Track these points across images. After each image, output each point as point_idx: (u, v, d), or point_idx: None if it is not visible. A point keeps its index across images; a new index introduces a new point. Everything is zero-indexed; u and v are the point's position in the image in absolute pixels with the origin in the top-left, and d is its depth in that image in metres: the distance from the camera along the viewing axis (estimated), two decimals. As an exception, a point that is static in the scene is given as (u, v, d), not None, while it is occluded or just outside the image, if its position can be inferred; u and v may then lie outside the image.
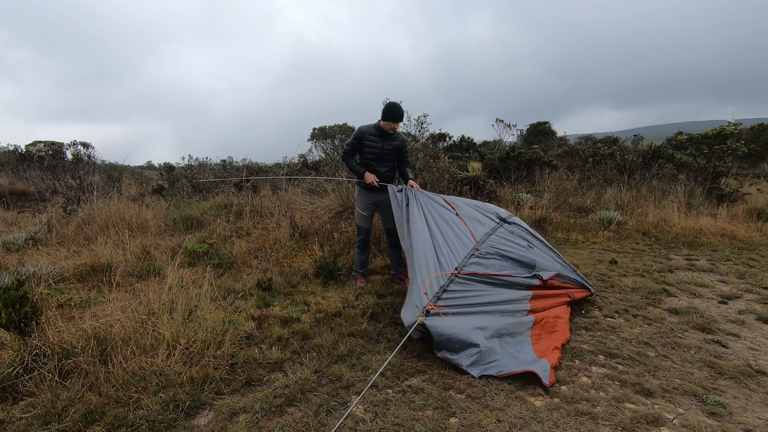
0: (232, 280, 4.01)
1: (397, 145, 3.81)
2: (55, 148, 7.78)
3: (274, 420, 1.94)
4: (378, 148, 3.73)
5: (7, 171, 11.33)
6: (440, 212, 3.60)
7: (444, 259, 3.07)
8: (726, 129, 7.72)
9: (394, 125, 3.65)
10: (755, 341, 2.78)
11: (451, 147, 12.72)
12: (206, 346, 2.41)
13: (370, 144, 3.72)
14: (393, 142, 3.77)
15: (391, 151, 3.79)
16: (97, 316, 2.60)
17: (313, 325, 2.99)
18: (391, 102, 3.66)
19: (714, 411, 2.01)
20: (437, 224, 3.44)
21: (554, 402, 2.07)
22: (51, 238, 5.16)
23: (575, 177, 8.68)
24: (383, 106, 3.63)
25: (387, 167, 3.83)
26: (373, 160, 3.78)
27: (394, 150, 3.80)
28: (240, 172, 10.84)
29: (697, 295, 3.65)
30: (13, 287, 2.24)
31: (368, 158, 3.78)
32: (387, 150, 3.76)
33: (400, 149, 3.84)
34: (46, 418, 1.92)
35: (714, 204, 7.44)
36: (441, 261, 3.04)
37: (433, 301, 2.69)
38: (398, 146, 3.82)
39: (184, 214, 6.34)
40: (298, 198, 6.76)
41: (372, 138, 3.71)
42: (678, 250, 5.24)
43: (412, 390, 2.19)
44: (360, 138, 3.73)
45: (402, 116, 3.67)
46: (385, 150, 3.75)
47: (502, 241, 3.40)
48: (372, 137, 3.71)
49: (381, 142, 3.72)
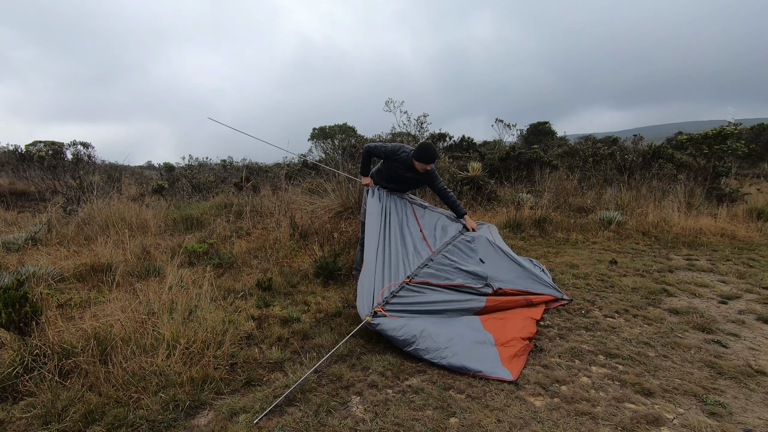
0: (232, 280, 4.01)
1: (422, 177, 3.72)
2: (55, 148, 7.78)
3: (274, 420, 1.94)
4: (399, 175, 3.73)
5: (7, 171, 11.34)
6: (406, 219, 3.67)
7: (395, 266, 3.13)
8: (726, 129, 7.72)
9: (425, 167, 3.57)
10: (755, 341, 2.78)
11: (451, 147, 12.72)
12: (206, 346, 2.41)
13: (395, 168, 3.70)
14: (415, 174, 3.70)
15: (411, 180, 3.78)
16: (97, 316, 2.60)
17: (313, 325, 2.99)
18: (427, 143, 3.53)
19: (714, 411, 2.01)
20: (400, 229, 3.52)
21: (554, 402, 2.07)
22: (51, 238, 5.16)
23: (575, 177, 8.68)
24: (419, 145, 3.53)
25: (393, 186, 3.88)
26: (390, 177, 3.80)
27: (415, 181, 3.78)
28: (240, 172, 10.84)
29: (697, 295, 3.65)
30: (13, 287, 2.24)
31: (383, 173, 3.81)
32: (407, 177, 3.75)
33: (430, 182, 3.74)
34: (46, 418, 1.92)
35: (714, 204, 7.44)
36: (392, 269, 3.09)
37: (381, 304, 2.77)
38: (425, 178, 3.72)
39: (184, 214, 6.34)
40: (298, 198, 6.76)
41: (398, 166, 3.68)
42: (678, 250, 5.24)
43: (412, 390, 2.19)
44: (389, 157, 3.69)
45: (435, 159, 3.54)
46: (405, 177, 3.74)
47: (456, 252, 3.42)
48: (398, 165, 3.67)
49: (404, 171, 3.69)
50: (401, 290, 2.92)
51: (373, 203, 3.70)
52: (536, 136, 18.05)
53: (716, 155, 7.82)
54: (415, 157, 3.53)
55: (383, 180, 3.91)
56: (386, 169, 3.81)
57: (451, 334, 2.61)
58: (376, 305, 2.75)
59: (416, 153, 3.51)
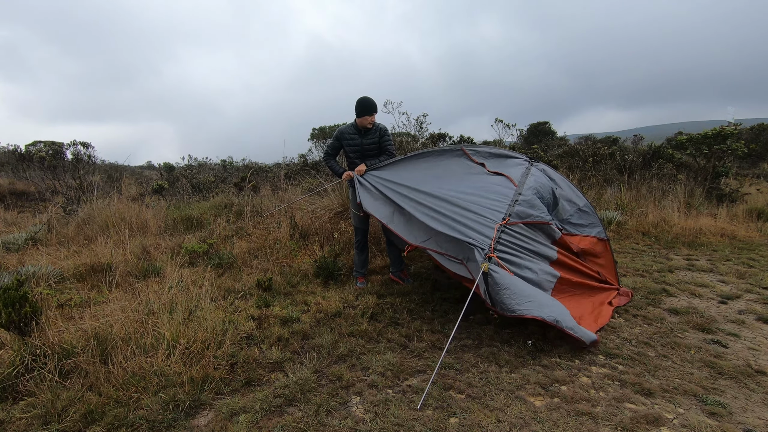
0: (232, 280, 4.01)
1: (377, 139, 3.81)
2: (55, 148, 7.77)
3: (274, 420, 1.94)
4: (358, 145, 3.77)
5: (7, 171, 11.33)
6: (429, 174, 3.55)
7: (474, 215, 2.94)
8: (726, 129, 7.72)
9: (370, 119, 3.66)
10: (755, 341, 2.78)
11: (451, 147, 12.68)
12: (206, 346, 2.41)
13: (350, 142, 3.76)
14: (372, 137, 3.79)
15: (373, 145, 3.82)
16: (97, 316, 2.60)
17: (313, 325, 2.99)
18: (362, 97, 3.65)
19: (714, 411, 2.01)
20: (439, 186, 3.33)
21: (554, 402, 2.07)
22: (51, 238, 5.16)
23: (575, 177, 8.67)
24: (355, 103, 3.63)
25: (371, 164, 3.86)
26: (357, 158, 3.83)
27: (375, 144, 3.82)
28: (240, 172, 10.84)
29: (697, 295, 3.64)
30: (13, 287, 2.24)
31: (351, 157, 3.84)
32: (368, 145, 3.79)
33: (381, 140, 3.84)
34: (46, 418, 1.92)
35: (714, 204, 7.43)
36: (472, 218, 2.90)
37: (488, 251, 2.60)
38: (378, 139, 3.82)
39: (184, 214, 6.33)
40: (298, 198, 6.75)
41: (351, 136, 3.75)
42: (678, 250, 5.24)
43: (412, 390, 2.19)
44: (339, 138, 3.78)
45: (375, 108, 3.66)
46: (365, 146, 3.79)
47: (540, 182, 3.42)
48: (351, 135, 3.75)
49: (360, 138, 3.76)
50: (502, 234, 2.78)
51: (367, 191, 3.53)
52: (536, 136, 18.04)
53: (716, 155, 7.81)
54: (357, 114, 3.64)
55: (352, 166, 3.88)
56: (348, 155, 3.86)
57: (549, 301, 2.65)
58: (489, 249, 2.58)
59: (357, 110, 3.63)
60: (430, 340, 2.76)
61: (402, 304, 3.34)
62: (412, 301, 3.41)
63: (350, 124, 3.78)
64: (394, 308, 3.27)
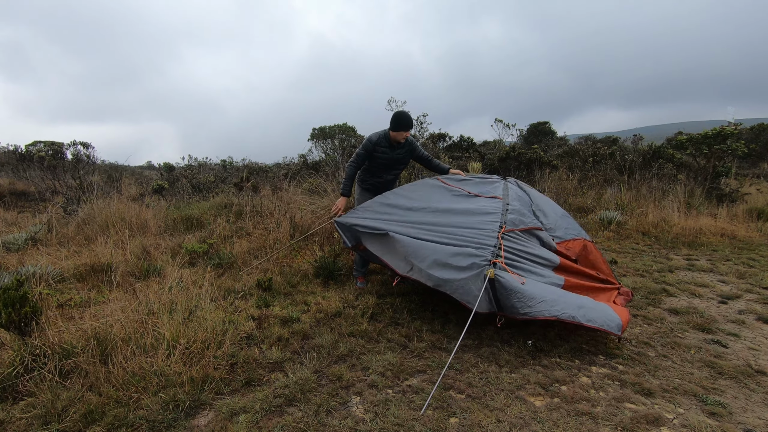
0: (232, 280, 4.01)
1: (407, 151, 3.80)
2: (55, 148, 7.77)
3: (274, 420, 1.94)
4: (389, 158, 3.75)
5: (7, 171, 11.33)
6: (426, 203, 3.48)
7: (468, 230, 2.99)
8: (726, 129, 7.71)
9: (405, 134, 3.63)
10: (755, 341, 2.78)
11: (451, 147, 12.71)
12: (206, 346, 2.41)
13: (381, 155, 3.72)
14: (401, 151, 3.77)
15: (400, 158, 3.81)
16: (97, 316, 2.60)
17: (313, 325, 2.99)
18: (400, 111, 3.65)
19: (714, 411, 2.01)
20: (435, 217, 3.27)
21: (554, 402, 2.07)
22: (51, 238, 5.16)
23: (575, 177, 8.67)
24: (392, 116, 3.59)
25: (394, 174, 3.91)
26: (382, 169, 3.81)
27: (402, 158, 3.82)
28: (240, 172, 10.84)
29: (697, 295, 3.64)
30: (13, 287, 2.24)
31: (374, 168, 3.82)
32: (398, 158, 3.78)
33: (413, 152, 3.84)
34: (46, 418, 1.92)
35: (714, 204, 7.43)
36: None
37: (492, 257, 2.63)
38: (409, 151, 3.81)
39: (184, 214, 6.33)
40: (298, 198, 6.75)
41: (383, 150, 3.70)
42: (678, 250, 5.24)
43: (412, 390, 2.19)
44: (370, 150, 3.70)
45: (411, 125, 3.65)
46: (395, 158, 3.78)
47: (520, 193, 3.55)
48: (383, 149, 3.70)
49: (391, 152, 3.73)
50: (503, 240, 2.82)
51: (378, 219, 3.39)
52: (536, 136, 18.03)
53: (716, 155, 7.81)
54: (392, 128, 3.61)
55: (373, 177, 3.88)
56: (373, 165, 3.82)
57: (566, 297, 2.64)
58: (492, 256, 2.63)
59: (393, 124, 3.59)
60: (430, 340, 2.76)
61: (402, 304, 3.34)
62: (412, 301, 3.41)
63: (382, 136, 3.67)
64: (394, 308, 3.27)
